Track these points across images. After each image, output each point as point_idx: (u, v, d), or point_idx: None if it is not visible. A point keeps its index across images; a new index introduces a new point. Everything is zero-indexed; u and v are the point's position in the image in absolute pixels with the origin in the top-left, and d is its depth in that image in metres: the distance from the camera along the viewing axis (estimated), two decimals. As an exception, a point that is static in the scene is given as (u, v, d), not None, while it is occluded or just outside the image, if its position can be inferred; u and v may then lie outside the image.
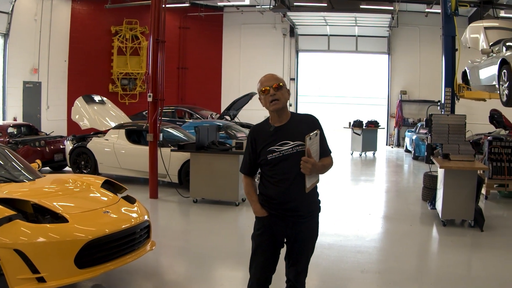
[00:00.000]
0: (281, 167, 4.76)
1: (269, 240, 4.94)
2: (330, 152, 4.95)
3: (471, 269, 8.43)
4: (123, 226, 6.32)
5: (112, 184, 7.72)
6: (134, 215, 6.77)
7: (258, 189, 5.06)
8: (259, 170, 5.08)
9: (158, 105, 12.80)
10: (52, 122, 23.14)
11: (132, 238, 6.44)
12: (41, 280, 5.44)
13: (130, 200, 7.24)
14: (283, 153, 4.73)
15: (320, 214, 5.09)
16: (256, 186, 5.11)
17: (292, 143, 4.72)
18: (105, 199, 6.98)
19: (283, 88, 4.80)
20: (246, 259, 5.13)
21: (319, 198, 5.07)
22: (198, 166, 12.23)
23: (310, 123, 4.85)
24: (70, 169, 15.77)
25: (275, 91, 4.74)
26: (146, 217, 6.88)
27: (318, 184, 4.98)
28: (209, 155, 12.15)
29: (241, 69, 30.61)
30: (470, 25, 16.37)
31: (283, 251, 5.06)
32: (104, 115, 16.50)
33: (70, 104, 17.44)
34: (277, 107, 4.76)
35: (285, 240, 5.01)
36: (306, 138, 4.49)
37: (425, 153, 12.84)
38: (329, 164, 4.91)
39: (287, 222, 4.85)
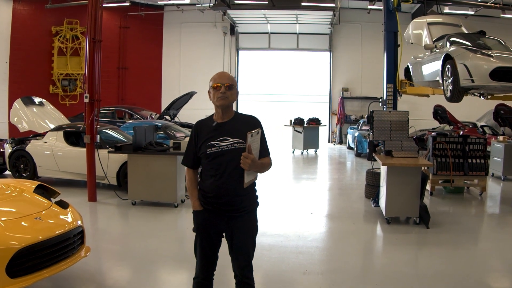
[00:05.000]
0: (218, 162, 4.93)
1: (203, 236, 5.13)
2: (269, 153, 5.13)
3: (417, 266, 8.36)
4: (57, 232, 6.18)
5: (46, 189, 7.55)
6: (69, 219, 6.64)
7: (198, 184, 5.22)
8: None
9: (95, 106, 12.57)
10: (-7, 125, 22.64)
11: (66, 244, 6.32)
12: (-30, 291, 5.30)
13: (63, 205, 7.07)
14: (222, 149, 4.92)
15: (260, 213, 5.16)
16: (198, 181, 5.24)
17: (231, 139, 4.92)
18: (38, 204, 6.80)
19: (233, 89, 5.02)
20: (185, 262, 5.20)
21: (257, 194, 5.24)
22: (136, 168, 12.07)
23: (252, 124, 5.00)
24: (10, 172, 15.43)
25: (225, 89, 4.94)
26: (79, 223, 6.75)
27: (257, 182, 5.06)
28: (146, 156, 12.00)
29: (181, 69, 30.52)
30: (413, 21, 16.57)
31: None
32: (43, 117, 16.16)
33: (11, 106, 17.13)
34: (222, 103, 4.95)
35: (224, 235, 5.18)
36: (247, 135, 4.64)
37: (368, 150, 12.95)
38: (268, 164, 5.10)
39: (222, 217, 5.03)
